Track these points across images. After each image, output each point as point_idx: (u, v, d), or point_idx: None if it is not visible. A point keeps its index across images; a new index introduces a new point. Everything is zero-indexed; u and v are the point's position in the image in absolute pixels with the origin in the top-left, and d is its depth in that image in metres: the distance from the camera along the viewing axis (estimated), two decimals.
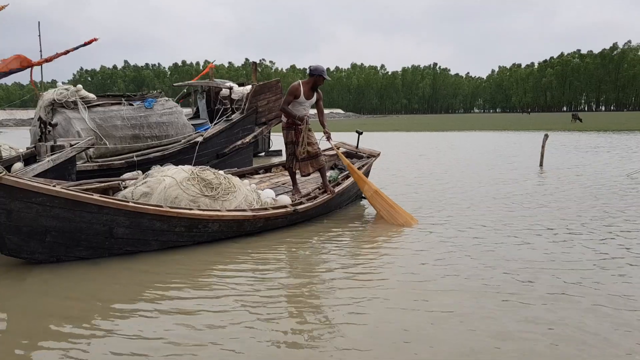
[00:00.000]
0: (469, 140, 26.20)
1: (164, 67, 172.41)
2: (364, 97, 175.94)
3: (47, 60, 10.29)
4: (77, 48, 10.89)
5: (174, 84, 16.36)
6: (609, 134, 28.85)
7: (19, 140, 21.84)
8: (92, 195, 5.02)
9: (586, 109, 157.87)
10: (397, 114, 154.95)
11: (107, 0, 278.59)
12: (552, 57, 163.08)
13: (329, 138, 7.37)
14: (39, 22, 10.19)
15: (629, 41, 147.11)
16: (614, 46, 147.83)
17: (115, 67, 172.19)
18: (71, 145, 6.73)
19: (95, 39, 11.19)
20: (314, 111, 7.57)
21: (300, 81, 7.29)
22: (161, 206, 5.38)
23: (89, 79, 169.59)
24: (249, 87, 13.18)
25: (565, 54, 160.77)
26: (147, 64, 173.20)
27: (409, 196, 9.12)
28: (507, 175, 11.62)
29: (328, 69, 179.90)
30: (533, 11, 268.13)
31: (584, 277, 4.56)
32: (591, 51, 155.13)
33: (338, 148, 9.59)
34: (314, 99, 7.35)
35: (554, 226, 6.59)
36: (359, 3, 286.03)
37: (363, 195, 8.80)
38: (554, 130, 34.32)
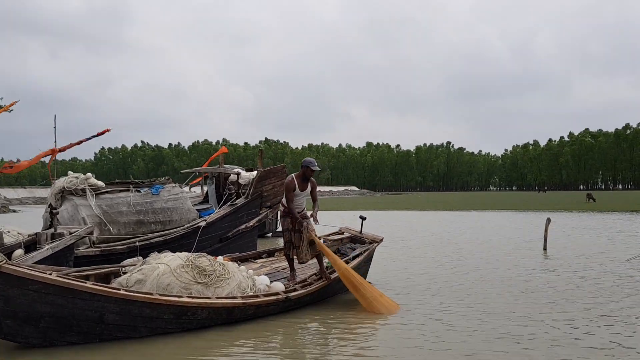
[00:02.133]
0: (480, 220, 26.17)
1: (184, 146, 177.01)
2: (378, 175, 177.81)
3: (61, 150, 10.95)
4: (89, 139, 11.51)
5: (182, 171, 16.92)
6: (621, 214, 28.73)
7: (35, 220, 22.35)
8: (85, 283, 5.25)
9: (603, 187, 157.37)
10: (412, 192, 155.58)
11: (129, 82, 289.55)
12: (562, 137, 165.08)
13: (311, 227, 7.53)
14: (55, 115, 10.89)
15: None
16: (627, 126, 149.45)
17: (136, 145, 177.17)
18: (70, 234, 7.04)
19: (108, 130, 11.86)
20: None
21: (292, 175, 7.63)
22: (151, 294, 5.58)
23: (110, 157, 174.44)
24: (255, 172, 13.61)
25: (576, 133, 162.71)
26: (170, 144, 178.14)
27: (403, 279, 9.24)
28: (511, 261, 11.60)
29: (340, 145, 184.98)
30: (547, 91, 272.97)
31: None
32: (601, 130, 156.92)
33: (342, 235, 9.85)
34: (309, 189, 7.66)
35: (546, 327, 6.25)
36: (372, 83, 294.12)
37: (369, 282, 8.90)
38: (567, 210, 34.28)
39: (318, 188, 7.92)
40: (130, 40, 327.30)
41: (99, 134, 11.71)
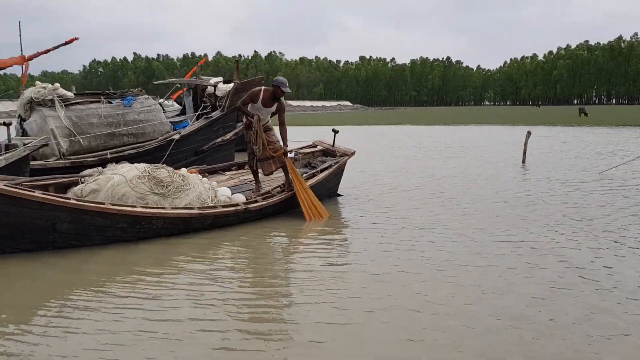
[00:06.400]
0: (469, 134, 26.15)
1: (174, 59, 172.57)
2: (372, 89, 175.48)
3: (30, 59, 10.60)
4: (57, 47, 11.13)
5: (155, 82, 16.50)
6: (610, 129, 28.71)
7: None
8: (34, 192, 5.20)
9: (597, 102, 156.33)
10: (406, 107, 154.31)
11: None
12: (559, 48, 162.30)
13: (285, 154, 7.48)
14: (19, 22, 10.49)
15: (635, 34, 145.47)
16: (620, 38, 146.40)
17: (125, 58, 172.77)
18: (24, 145, 6.92)
19: (75, 38, 11.43)
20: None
21: (262, 88, 7.42)
22: (103, 203, 5.54)
23: (100, 70, 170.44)
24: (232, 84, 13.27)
25: (573, 46, 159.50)
26: (158, 55, 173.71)
27: (375, 191, 9.30)
28: (487, 172, 11.79)
29: (338, 61, 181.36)
30: (546, 1, 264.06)
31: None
32: (598, 43, 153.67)
33: (314, 148, 9.73)
34: (273, 108, 7.44)
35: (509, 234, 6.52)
36: None
37: (339, 193, 8.99)
38: (558, 124, 34.13)
39: (310, 103, 7.75)
40: None
41: (66, 43, 11.30)
